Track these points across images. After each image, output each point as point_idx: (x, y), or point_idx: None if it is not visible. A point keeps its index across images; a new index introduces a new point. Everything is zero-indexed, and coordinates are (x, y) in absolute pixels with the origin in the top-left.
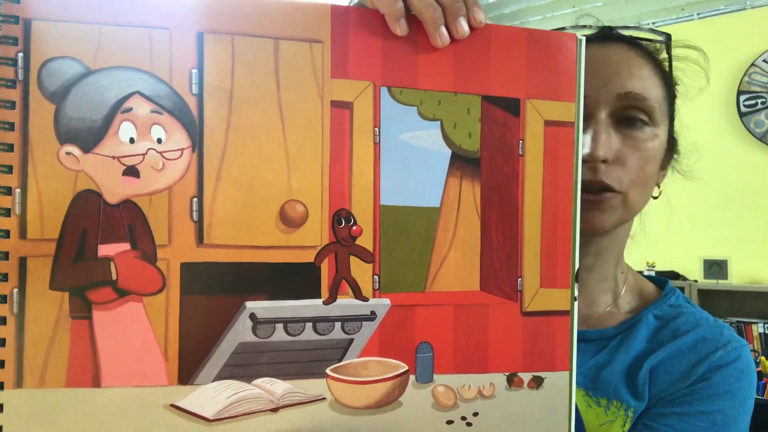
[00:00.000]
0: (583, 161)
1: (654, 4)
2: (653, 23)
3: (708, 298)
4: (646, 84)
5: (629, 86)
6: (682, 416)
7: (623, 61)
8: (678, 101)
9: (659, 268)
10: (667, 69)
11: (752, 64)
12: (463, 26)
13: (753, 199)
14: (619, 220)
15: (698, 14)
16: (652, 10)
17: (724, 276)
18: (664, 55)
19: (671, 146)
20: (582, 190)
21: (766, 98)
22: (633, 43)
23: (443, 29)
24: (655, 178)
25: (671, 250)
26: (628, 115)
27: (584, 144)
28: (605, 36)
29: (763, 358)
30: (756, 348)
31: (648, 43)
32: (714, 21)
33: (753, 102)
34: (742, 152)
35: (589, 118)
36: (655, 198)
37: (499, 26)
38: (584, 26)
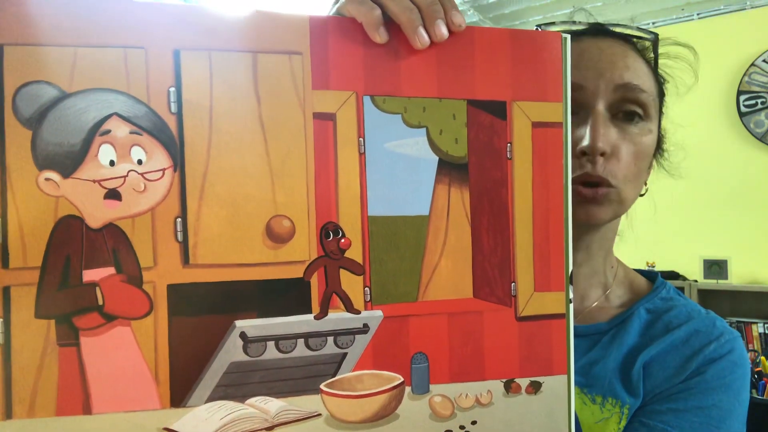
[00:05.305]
0: (582, 154)
1: (654, 4)
2: (653, 23)
3: (708, 298)
4: (642, 77)
5: (626, 77)
6: (678, 412)
7: (618, 54)
8: (667, 99)
9: (659, 268)
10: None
11: (752, 64)
12: (442, 29)
13: (753, 199)
14: (614, 214)
15: (698, 14)
16: (652, 9)
17: (724, 276)
18: (650, 54)
19: (658, 144)
20: (579, 183)
21: (766, 98)
22: (625, 38)
23: (422, 30)
24: (646, 174)
25: (671, 250)
26: (625, 109)
27: (582, 137)
28: (598, 31)
29: (763, 358)
30: (756, 348)
31: (638, 40)
32: (714, 21)
33: (753, 102)
34: (742, 152)
35: (587, 110)
36: (642, 195)
37: (482, 28)
38: (576, 22)
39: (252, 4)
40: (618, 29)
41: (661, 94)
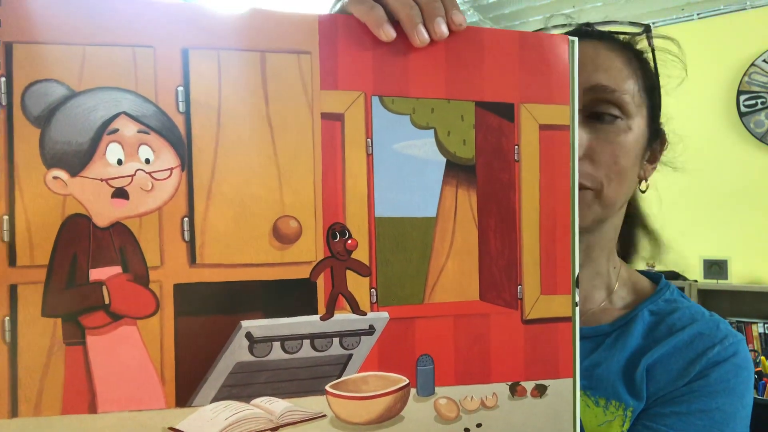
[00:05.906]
0: None
1: (654, 4)
2: (653, 23)
3: (708, 298)
4: (614, 75)
5: (595, 79)
6: (682, 415)
7: (588, 56)
8: (666, 98)
9: (659, 268)
10: (647, 60)
11: (752, 64)
12: (441, 27)
13: (753, 198)
14: (597, 216)
15: (698, 14)
16: (652, 10)
17: (724, 276)
18: (643, 44)
19: (656, 138)
20: None
21: (766, 98)
22: (602, 37)
23: (421, 27)
24: (635, 171)
25: (671, 250)
26: (597, 110)
27: None
28: (574, 34)
29: (763, 358)
30: (756, 348)
31: (624, 36)
32: (714, 21)
33: (753, 102)
34: (742, 152)
35: None
36: (643, 192)
37: (491, 30)
38: (563, 25)
39: (259, 2)
40: (606, 28)
41: (652, 88)
